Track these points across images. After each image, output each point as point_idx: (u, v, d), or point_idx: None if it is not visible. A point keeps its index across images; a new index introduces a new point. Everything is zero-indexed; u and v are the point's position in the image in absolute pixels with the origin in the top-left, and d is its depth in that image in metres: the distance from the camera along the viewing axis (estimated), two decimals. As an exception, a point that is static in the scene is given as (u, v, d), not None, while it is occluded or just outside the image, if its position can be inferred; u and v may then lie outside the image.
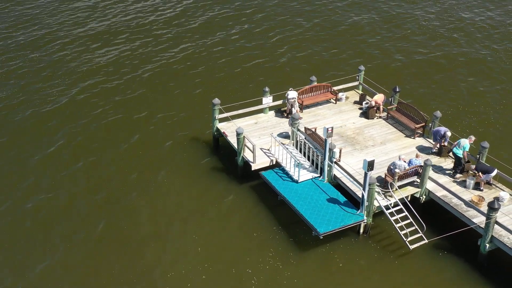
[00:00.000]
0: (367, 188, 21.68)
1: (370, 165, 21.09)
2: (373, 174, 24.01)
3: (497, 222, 20.52)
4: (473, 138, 23.94)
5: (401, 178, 22.89)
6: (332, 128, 22.97)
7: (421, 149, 25.82)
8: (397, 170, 22.58)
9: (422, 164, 22.91)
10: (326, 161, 23.74)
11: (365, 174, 21.48)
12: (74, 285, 20.81)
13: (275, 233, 23.23)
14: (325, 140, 23.27)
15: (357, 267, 21.55)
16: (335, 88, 29.81)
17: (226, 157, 27.30)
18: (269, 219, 23.90)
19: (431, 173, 23.89)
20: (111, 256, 22.03)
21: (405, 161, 23.57)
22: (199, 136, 29.15)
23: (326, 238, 22.48)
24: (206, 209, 24.48)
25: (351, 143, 26.32)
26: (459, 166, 23.68)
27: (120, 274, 21.24)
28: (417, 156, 23.73)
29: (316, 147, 24.99)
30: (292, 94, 27.67)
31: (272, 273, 21.42)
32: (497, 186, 23.34)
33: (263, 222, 23.79)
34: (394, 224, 22.06)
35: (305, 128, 26.13)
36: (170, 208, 24.51)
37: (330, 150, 23.45)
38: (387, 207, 22.36)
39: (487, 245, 20.84)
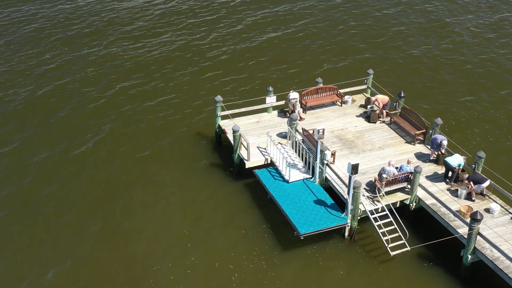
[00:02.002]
0: (351, 192, 21.62)
1: (354, 169, 21.02)
2: (365, 178, 23.97)
3: (479, 234, 20.11)
4: (465, 158, 23.68)
5: (390, 183, 22.70)
6: (323, 129, 22.98)
7: (420, 156, 25.47)
8: (384, 175, 22.41)
9: (413, 170, 22.62)
10: (317, 163, 23.78)
11: (350, 178, 21.42)
12: (58, 273, 21.59)
13: (263, 232, 23.43)
14: (317, 141, 23.32)
15: (340, 271, 21.47)
16: (345, 90, 29.69)
17: (227, 154, 27.67)
18: (260, 217, 24.11)
19: (424, 180, 23.64)
20: (100, 245, 22.71)
21: (396, 167, 23.41)
22: (204, 132, 29.64)
23: (313, 240, 22.56)
24: (199, 204, 24.89)
25: (349, 146, 26.22)
26: (450, 174, 23.34)
27: (106, 264, 21.84)
28: (408, 162, 23.44)
29: (311, 149, 25.04)
30: (293, 94, 27.79)
31: (254, 271, 21.59)
32: (490, 198, 22.81)
33: (253, 219, 24.02)
34: (377, 229, 21.90)
35: (302, 129, 26.22)
36: (164, 201, 25.03)
37: (322, 152, 23.48)
38: (372, 212, 22.21)
39: (469, 256, 20.44)
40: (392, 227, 22.01)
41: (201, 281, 21.17)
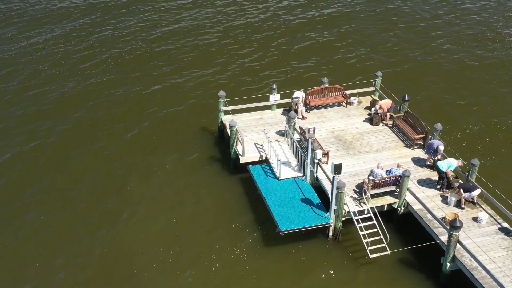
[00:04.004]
0: (334, 192, 21.54)
1: (337, 169, 20.92)
2: (357, 180, 23.80)
3: (459, 242, 19.69)
4: (460, 162, 23.13)
5: (377, 186, 22.47)
6: (314, 128, 23.03)
7: (417, 160, 25.07)
8: (370, 178, 22.20)
9: (401, 174, 22.32)
10: (308, 162, 23.78)
11: (333, 178, 21.35)
12: (47, 250, 22.49)
13: (251, 226, 23.62)
14: (307, 140, 23.34)
15: (321, 271, 21.42)
16: (352, 91, 29.50)
17: (227, 148, 27.99)
18: (249, 212, 24.32)
19: (415, 185, 23.28)
20: (91, 229, 23.47)
21: (387, 170, 23.15)
22: (210, 126, 30.06)
23: (298, 238, 22.59)
24: (193, 195, 25.32)
25: (346, 147, 26.07)
26: (441, 180, 22.91)
27: (94, 246, 22.60)
28: (398, 166, 23.15)
29: (305, 147, 25.04)
30: (297, 93, 27.84)
31: (234, 263, 21.85)
32: (481, 206, 22.25)
33: (242, 213, 24.26)
34: (359, 231, 21.74)
35: (300, 128, 26.26)
36: (159, 191, 25.58)
37: (312, 151, 23.47)
38: (355, 214, 22.05)
39: (448, 264, 20.04)
40: (374, 230, 21.78)
41: (182, 268, 21.60)
